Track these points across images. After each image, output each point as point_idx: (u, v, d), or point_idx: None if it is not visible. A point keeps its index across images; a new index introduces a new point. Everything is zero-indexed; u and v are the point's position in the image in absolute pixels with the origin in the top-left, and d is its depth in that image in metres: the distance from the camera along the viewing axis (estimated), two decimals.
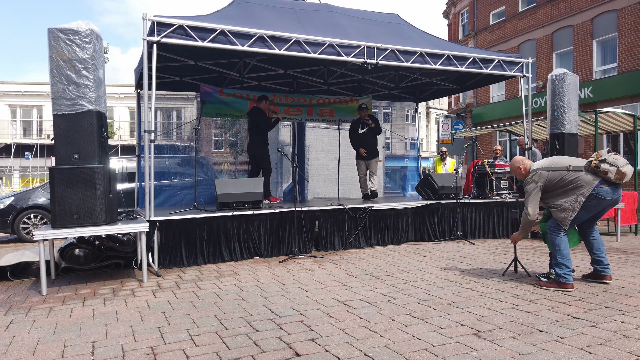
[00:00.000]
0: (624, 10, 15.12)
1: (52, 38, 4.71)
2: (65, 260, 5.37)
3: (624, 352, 2.86)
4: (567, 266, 4.42)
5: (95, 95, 4.84)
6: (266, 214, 6.38)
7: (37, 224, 9.05)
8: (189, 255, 5.89)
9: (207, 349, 3.01)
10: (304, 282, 4.88)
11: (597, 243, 4.68)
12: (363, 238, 7.13)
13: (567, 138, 7.71)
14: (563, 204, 4.42)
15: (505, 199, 8.30)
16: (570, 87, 7.67)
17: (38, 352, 3.02)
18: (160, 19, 5.61)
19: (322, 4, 7.93)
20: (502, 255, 6.38)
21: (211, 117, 9.64)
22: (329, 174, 11.12)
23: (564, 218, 4.43)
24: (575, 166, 4.45)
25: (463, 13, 23.91)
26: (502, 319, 3.56)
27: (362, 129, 8.54)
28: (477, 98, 22.03)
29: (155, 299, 4.33)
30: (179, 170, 9.62)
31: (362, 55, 6.77)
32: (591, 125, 10.09)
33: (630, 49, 14.88)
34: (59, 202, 4.67)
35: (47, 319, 3.76)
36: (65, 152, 4.77)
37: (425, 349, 2.96)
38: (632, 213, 8.60)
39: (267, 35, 6.17)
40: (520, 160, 4.78)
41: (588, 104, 15.11)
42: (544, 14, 18.25)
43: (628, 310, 3.72)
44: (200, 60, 8.24)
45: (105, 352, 3.00)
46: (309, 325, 3.45)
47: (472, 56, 7.66)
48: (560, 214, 4.44)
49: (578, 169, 4.42)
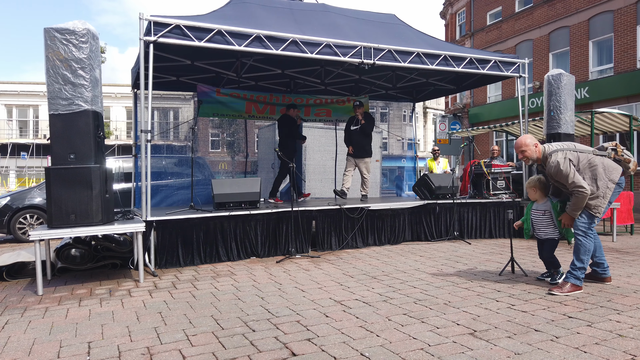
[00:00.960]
0: (620, 11, 15.18)
1: (49, 38, 4.69)
2: (62, 261, 5.36)
3: (619, 352, 2.87)
4: (585, 269, 4.25)
5: (91, 95, 4.83)
6: (263, 214, 6.38)
7: (33, 224, 9.02)
8: (186, 255, 5.88)
9: (204, 349, 3.01)
10: (300, 282, 4.88)
11: (598, 245, 4.47)
12: (360, 238, 7.14)
13: (564, 138, 7.73)
14: (595, 191, 4.12)
15: (501, 199, 8.32)
16: (567, 87, 7.70)
17: (34, 353, 3.01)
18: (157, 18, 5.61)
19: (319, 4, 7.93)
20: (499, 255, 6.39)
21: (208, 117, 9.64)
22: (325, 174, 11.12)
23: (596, 206, 4.12)
24: (598, 151, 4.21)
25: (460, 13, 23.95)
26: (498, 318, 3.57)
27: (354, 126, 8.54)
28: (474, 98, 22.07)
29: (151, 299, 4.32)
30: (175, 170, 9.61)
31: (359, 55, 6.78)
32: (587, 126, 10.13)
33: (626, 49, 14.94)
34: (55, 202, 4.65)
35: (43, 319, 3.75)
36: (61, 152, 4.75)
37: (422, 348, 2.97)
38: (628, 213, 8.64)
39: (264, 35, 6.17)
40: (532, 137, 4.40)
41: (584, 104, 15.16)
42: (541, 15, 18.30)
43: (623, 310, 3.73)
44: (197, 60, 8.23)
45: (101, 352, 3.00)
46: (306, 325, 3.46)
47: (468, 56, 7.68)
48: (592, 201, 4.12)
49: (602, 154, 4.19)
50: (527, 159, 4.36)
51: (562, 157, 4.15)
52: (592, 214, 4.18)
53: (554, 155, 4.20)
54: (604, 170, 4.15)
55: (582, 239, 4.18)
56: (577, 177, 4.09)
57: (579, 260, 4.18)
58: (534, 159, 4.35)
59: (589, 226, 4.19)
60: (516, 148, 4.42)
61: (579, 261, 4.18)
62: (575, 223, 4.24)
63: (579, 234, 4.20)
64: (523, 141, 4.35)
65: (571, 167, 4.11)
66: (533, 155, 4.32)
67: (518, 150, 4.38)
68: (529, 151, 4.31)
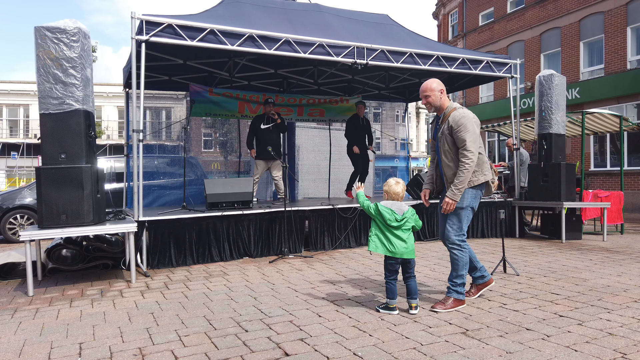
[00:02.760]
0: (610, 13, 15.32)
1: (39, 36, 4.65)
2: (52, 261, 5.31)
3: (609, 350, 2.90)
4: (465, 282, 3.92)
5: (82, 94, 4.79)
6: (256, 214, 6.36)
7: (24, 224, 8.93)
8: (178, 255, 5.86)
9: (196, 350, 3.00)
10: (293, 282, 4.88)
11: (471, 253, 4.03)
12: (353, 238, 7.14)
13: (555, 138, 7.81)
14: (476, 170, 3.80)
15: (493, 198, 8.37)
16: (558, 88, 7.76)
17: (24, 354, 2.98)
18: (149, 17, 5.58)
19: (313, 4, 7.93)
20: (491, 254, 6.42)
21: (201, 116, 9.61)
22: (319, 174, 11.13)
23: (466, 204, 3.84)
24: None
25: (452, 14, 24.05)
26: (490, 317, 3.58)
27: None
28: (466, 99, 22.17)
29: (143, 299, 4.30)
30: (168, 170, 9.56)
31: (352, 55, 6.78)
32: (578, 126, 10.20)
33: (616, 50, 15.08)
34: (46, 202, 4.61)
35: (34, 320, 3.72)
36: (52, 152, 4.71)
37: (414, 347, 2.98)
38: (618, 213, 8.72)
39: (256, 34, 6.16)
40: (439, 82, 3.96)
41: (575, 105, 15.28)
42: (532, 16, 18.42)
43: (614, 309, 3.76)
44: (190, 59, 8.20)
45: (93, 353, 2.98)
46: (299, 325, 3.45)
47: (461, 57, 7.72)
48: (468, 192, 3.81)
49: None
50: (430, 105, 3.93)
51: (473, 116, 3.83)
52: (461, 217, 3.84)
53: (465, 109, 3.86)
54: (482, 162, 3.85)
55: (458, 253, 3.84)
56: (476, 142, 3.74)
57: (458, 277, 3.85)
58: (437, 107, 3.92)
59: (462, 237, 3.86)
60: (421, 92, 3.97)
61: (458, 277, 3.85)
62: (448, 236, 3.88)
63: (454, 247, 3.85)
64: (429, 85, 3.90)
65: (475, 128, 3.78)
66: (437, 102, 3.90)
67: (422, 95, 3.94)
68: (433, 96, 3.89)
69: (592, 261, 5.85)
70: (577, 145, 15.47)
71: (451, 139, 3.81)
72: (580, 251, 6.65)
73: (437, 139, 3.98)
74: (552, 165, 7.72)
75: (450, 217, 3.90)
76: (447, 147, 3.84)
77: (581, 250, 6.76)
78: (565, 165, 7.71)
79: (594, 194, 8.59)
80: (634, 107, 14.71)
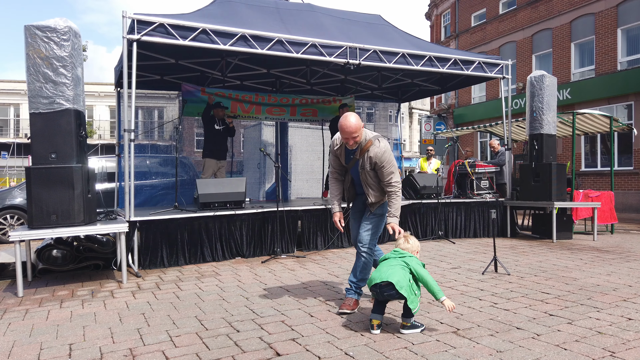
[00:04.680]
0: (601, 14, 15.44)
1: (29, 35, 4.62)
2: (43, 262, 5.27)
3: (598, 349, 2.92)
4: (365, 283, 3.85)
5: (73, 93, 4.76)
6: (248, 214, 6.35)
7: (14, 224, 8.85)
8: (170, 255, 5.83)
9: (187, 350, 2.99)
10: (285, 282, 4.88)
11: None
12: (345, 238, 7.14)
13: (546, 139, 7.86)
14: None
15: (485, 198, 8.42)
16: (549, 88, 7.82)
17: (13, 355, 2.96)
18: (140, 16, 5.55)
19: (305, 4, 7.93)
20: (482, 254, 6.46)
21: (193, 116, 9.56)
22: (312, 174, 11.13)
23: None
24: None
25: (445, 15, 24.14)
26: (481, 317, 3.60)
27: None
28: (458, 99, 22.26)
29: (134, 300, 4.27)
30: (160, 170, 9.51)
31: (345, 55, 6.79)
32: (569, 127, 10.28)
33: (607, 51, 15.20)
34: (36, 203, 4.58)
35: (23, 321, 3.69)
36: (42, 152, 4.68)
37: (405, 347, 2.99)
38: (611, 212, 8.79)
39: (249, 34, 6.15)
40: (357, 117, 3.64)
41: (566, 106, 15.39)
42: (524, 17, 18.53)
43: (603, 308, 3.80)
44: (182, 59, 8.17)
45: (83, 354, 2.96)
46: (290, 325, 3.45)
47: (453, 57, 7.75)
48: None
49: None
50: (357, 144, 3.68)
51: (387, 144, 3.72)
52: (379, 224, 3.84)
53: (381, 140, 3.71)
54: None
55: (367, 257, 3.81)
56: (397, 170, 3.74)
57: (362, 280, 3.84)
58: (359, 143, 3.70)
59: (375, 242, 3.88)
60: (347, 134, 3.59)
61: (362, 281, 3.84)
62: (362, 237, 3.81)
63: (364, 251, 3.79)
64: (354, 126, 3.56)
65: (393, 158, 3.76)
66: (363, 139, 3.69)
67: (350, 137, 3.60)
68: (360, 135, 3.63)
69: (583, 260, 5.90)
70: (568, 146, 15.59)
71: (374, 172, 3.75)
72: (571, 251, 6.70)
73: (347, 163, 3.89)
74: (543, 165, 7.77)
75: (370, 222, 3.86)
76: (370, 179, 3.77)
77: (572, 249, 6.82)
78: (556, 165, 7.77)
79: (584, 194, 8.66)
80: (624, 108, 14.84)
